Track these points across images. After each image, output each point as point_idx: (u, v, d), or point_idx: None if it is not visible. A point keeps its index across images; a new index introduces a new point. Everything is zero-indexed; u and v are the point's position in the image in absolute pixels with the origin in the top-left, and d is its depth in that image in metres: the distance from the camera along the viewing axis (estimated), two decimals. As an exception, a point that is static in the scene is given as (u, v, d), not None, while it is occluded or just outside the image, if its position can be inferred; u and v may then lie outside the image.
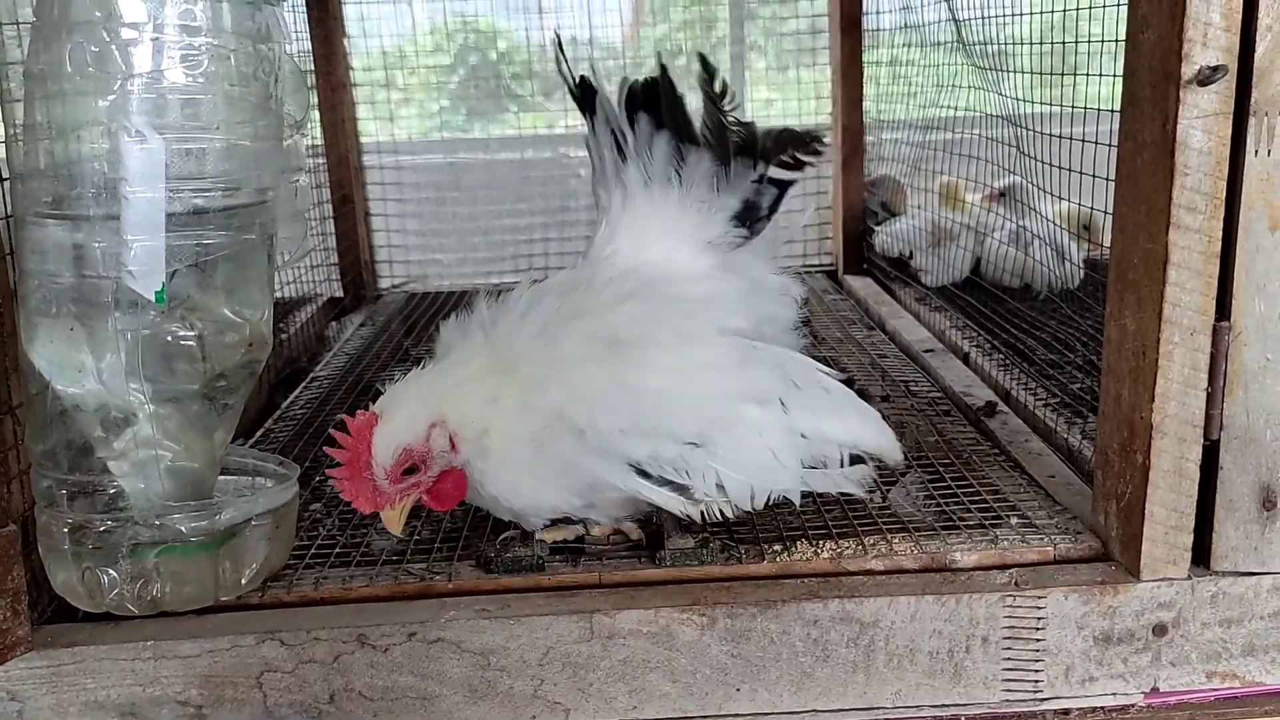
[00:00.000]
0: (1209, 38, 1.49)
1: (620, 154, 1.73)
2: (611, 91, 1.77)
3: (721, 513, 1.67)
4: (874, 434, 1.78)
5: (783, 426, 1.66)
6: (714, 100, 1.68)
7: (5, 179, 1.65)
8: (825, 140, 1.71)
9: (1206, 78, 1.49)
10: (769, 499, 1.72)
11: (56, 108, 1.51)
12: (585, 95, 1.75)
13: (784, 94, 4.66)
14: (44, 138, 1.54)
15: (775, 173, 1.68)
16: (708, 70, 1.69)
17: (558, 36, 1.73)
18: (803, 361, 1.78)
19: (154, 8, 1.48)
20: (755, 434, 1.64)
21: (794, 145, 1.69)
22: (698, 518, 1.68)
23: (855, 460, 1.76)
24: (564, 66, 1.76)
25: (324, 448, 1.69)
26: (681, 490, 1.63)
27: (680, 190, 1.70)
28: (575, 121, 4.67)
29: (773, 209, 1.73)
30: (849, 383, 1.86)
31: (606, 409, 1.61)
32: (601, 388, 1.61)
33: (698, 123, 1.73)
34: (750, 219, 1.72)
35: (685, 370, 1.64)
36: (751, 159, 1.68)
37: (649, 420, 1.61)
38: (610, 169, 1.77)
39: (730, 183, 1.70)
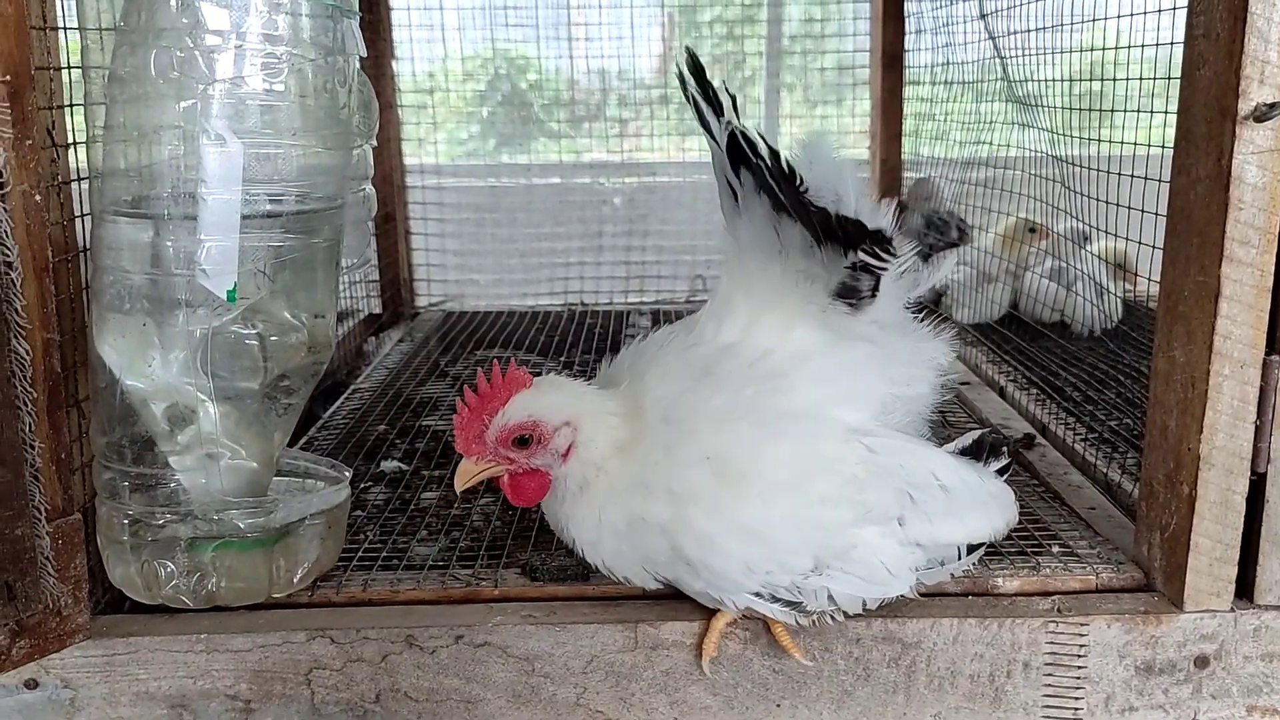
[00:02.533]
0: (1266, 75, 1.52)
1: (735, 200, 1.66)
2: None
3: (833, 616, 1.68)
4: (989, 524, 1.72)
5: (899, 541, 1.64)
6: (788, 179, 1.56)
7: (82, 179, 1.70)
8: (893, 244, 1.59)
9: (1263, 114, 1.51)
10: (881, 603, 1.71)
11: (139, 110, 1.56)
12: (732, 155, 1.58)
13: (820, 130, 4.71)
14: (124, 139, 1.59)
15: (864, 258, 1.59)
16: (773, 151, 1.58)
17: (679, 69, 1.59)
18: (922, 457, 1.69)
19: (238, 17, 1.53)
20: (870, 554, 1.63)
21: (871, 239, 1.58)
22: (809, 625, 1.68)
23: (974, 547, 1.73)
24: (705, 114, 1.58)
25: (462, 390, 1.68)
26: (794, 605, 1.64)
27: (782, 257, 1.64)
28: (611, 149, 4.76)
29: (874, 291, 1.65)
30: (979, 443, 1.78)
31: (720, 553, 1.60)
32: (716, 529, 1.60)
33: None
34: (852, 298, 1.65)
35: (801, 506, 1.60)
36: (839, 245, 1.59)
37: (764, 564, 1.60)
38: (729, 215, 1.71)
39: (825, 265, 1.62)
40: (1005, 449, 1.81)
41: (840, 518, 1.62)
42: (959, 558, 1.71)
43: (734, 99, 1.59)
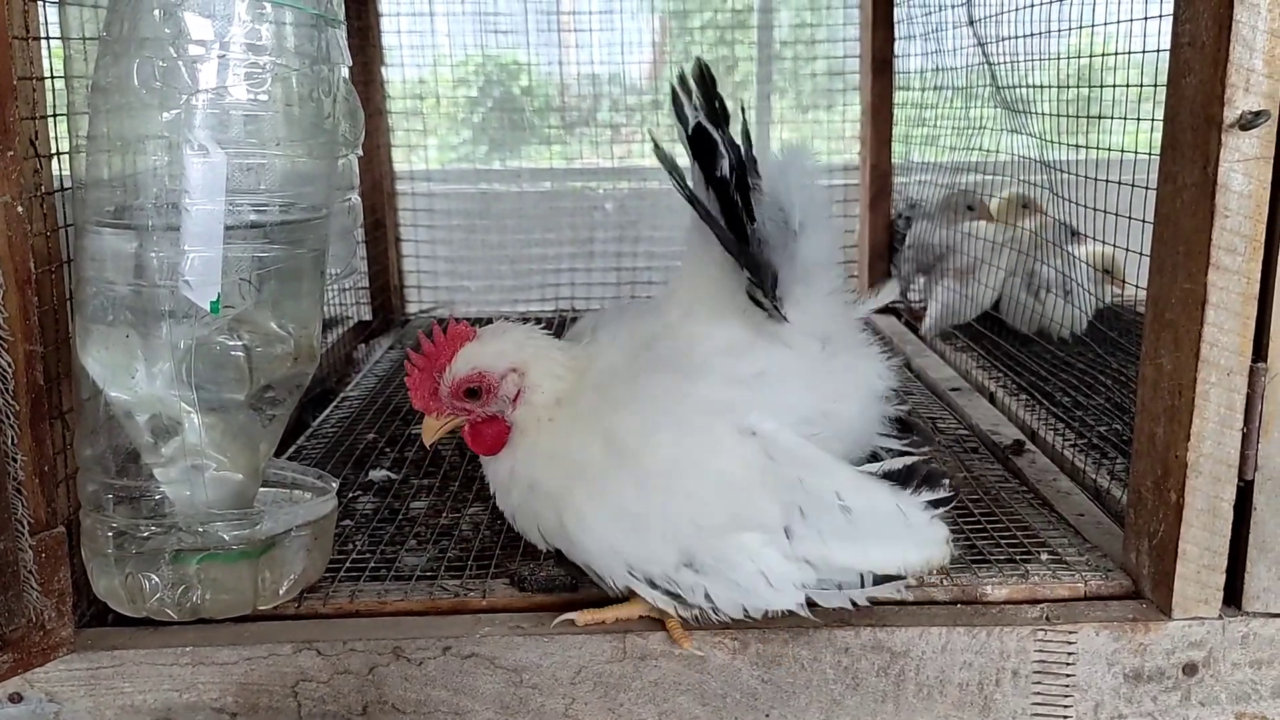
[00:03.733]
0: (1251, 83, 1.52)
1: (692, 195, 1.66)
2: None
3: (715, 614, 1.65)
4: (899, 557, 1.63)
5: (783, 554, 1.60)
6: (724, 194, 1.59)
7: (65, 190, 1.69)
8: (775, 307, 1.62)
9: (1248, 122, 1.51)
10: (766, 613, 1.66)
11: (122, 120, 1.55)
12: (697, 146, 1.59)
13: (811, 134, 4.71)
14: (108, 149, 1.58)
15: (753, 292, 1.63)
16: (735, 162, 1.60)
17: (682, 76, 1.58)
18: (828, 473, 1.62)
19: (221, 27, 1.52)
20: (747, 560, 1.60)
21: (761, 289, 1.61)
22: (692, 620, 1.67)
23: (885, 578, 1.65)
24: (683, 105, 1.60)
25: (409, 351, 1.76)
26: (675, 597, 1.63)
27: (713, 245, 1.64)
28: (602, 155, 4.75)
29: (781, 316, 1.64)
30: (910, 470, 1.67)
31: (592, 534, 1.63)
32: (592, 508, 1.62)
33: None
34: (762, 309, 1.65)
35: (674, 500, 1.60)
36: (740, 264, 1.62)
37: (630, 551, 1.62)
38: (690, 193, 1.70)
39: (736, 269, 1.64)
40: (946, 481, 1.68)
41: (714, 518, 1.60)
42: (862, 585, 1.65)
43: (744, 109, 1.64)
